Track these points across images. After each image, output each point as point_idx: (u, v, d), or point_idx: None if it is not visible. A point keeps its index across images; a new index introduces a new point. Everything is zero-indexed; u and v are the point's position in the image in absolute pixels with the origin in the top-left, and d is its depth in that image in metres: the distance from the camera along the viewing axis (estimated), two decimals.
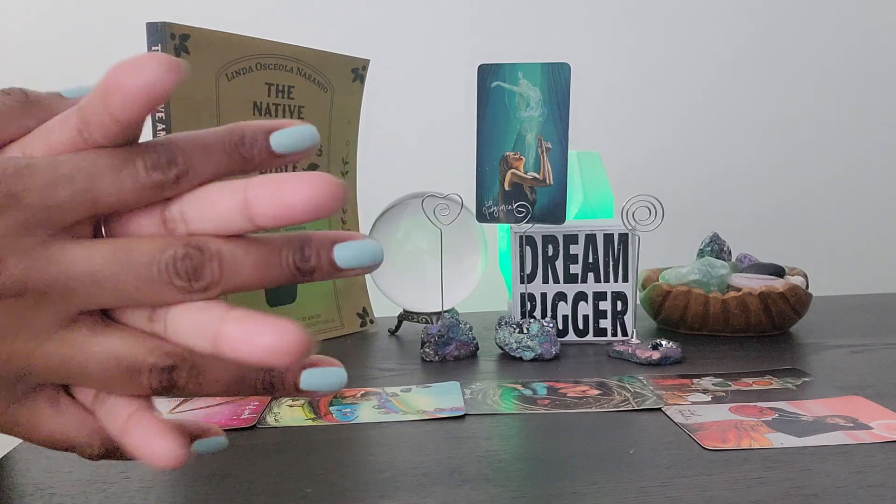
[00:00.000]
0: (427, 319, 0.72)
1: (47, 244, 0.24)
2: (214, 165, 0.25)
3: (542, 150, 0.63)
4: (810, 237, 1.09)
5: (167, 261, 0.24)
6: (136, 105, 0.23)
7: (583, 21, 1.05)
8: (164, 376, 0.25)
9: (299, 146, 0.26)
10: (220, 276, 0.25)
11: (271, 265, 0.25)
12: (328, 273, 0.26)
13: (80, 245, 0.25)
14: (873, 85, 1.09)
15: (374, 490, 0.37)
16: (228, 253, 0.25)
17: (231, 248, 0.25)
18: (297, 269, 0.25)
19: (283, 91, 0.68)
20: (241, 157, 0.25)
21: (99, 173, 0.24)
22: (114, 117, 0.24)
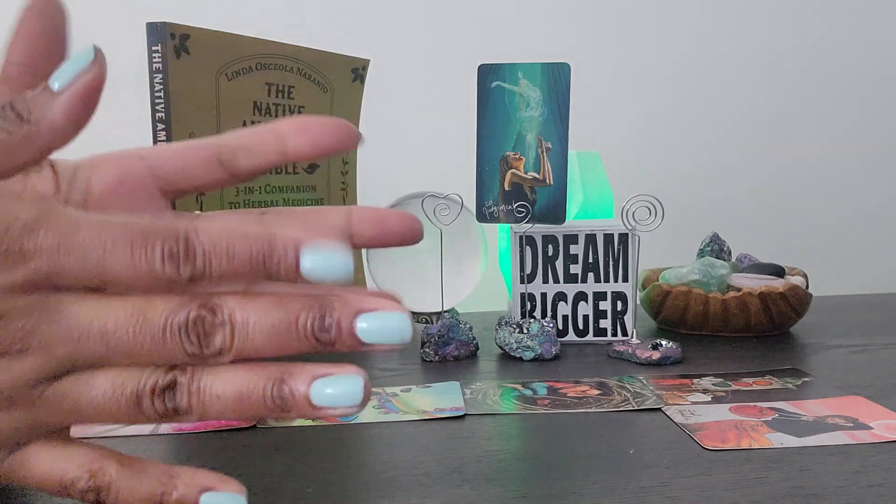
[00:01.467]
0: (427, 319, 0.72)
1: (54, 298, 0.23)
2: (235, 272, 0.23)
3: (542, 150, 0.63)
4: (810, 237, 1.09)
5: (180, 323, 0.23)
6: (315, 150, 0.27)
7: (583, 21, 1.05)
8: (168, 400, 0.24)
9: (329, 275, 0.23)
10: (231, 343, 0.24)
11: (288, 333, 0.24)
12: (350, 347, 0.24)
13: (91, 301, 0.24)
14: (874, 85, 1.09)
15: (374, 490, 0.37)
16: (241, 318, 0.24)
17: (245, 313, 0.24)
18: (316, 340, 0.24)
19: (283, 91, 0.68)
20: (265, 271, 0.23)
21: (115, 250, 0.23)
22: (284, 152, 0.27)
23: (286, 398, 0.24)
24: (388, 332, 0.24)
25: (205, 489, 0.26)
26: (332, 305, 0.24)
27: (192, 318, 0.23)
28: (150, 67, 0.59)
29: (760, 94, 1.08)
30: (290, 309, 0.24)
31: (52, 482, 0.26)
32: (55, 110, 0.24)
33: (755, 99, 1.08)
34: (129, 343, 0.23)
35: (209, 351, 0.24)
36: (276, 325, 0.24)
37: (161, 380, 0.24)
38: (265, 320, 0.24)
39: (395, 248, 0.74)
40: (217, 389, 0.24)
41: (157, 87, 0.59)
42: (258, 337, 0.24)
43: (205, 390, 0.24)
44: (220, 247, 0.23)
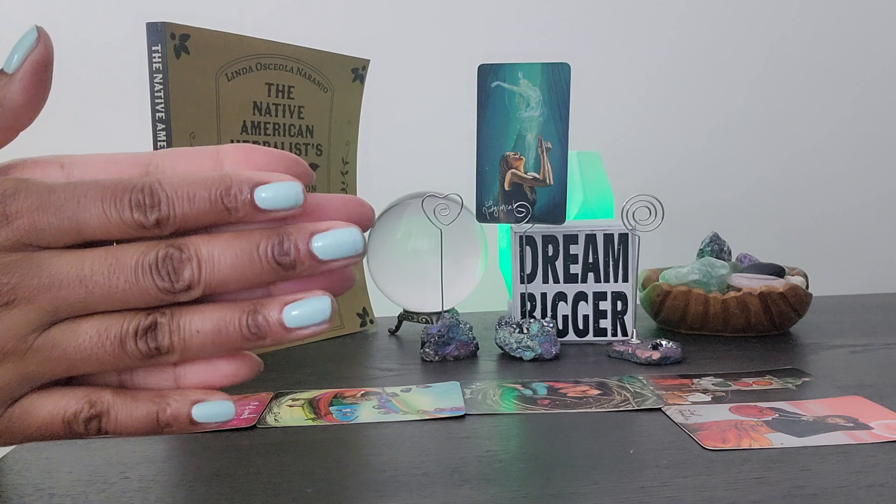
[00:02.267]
0: (427, 319, 0.72)
1: (35, 255, 0.25)
2: (197, 214, 0.26)
3: (542, 150, 0.63)
4: (810, 237, 1.09)
5: (150, 262, 0.25)
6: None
7: (583, 21, 1.05)
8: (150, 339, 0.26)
9: (283, 204, 0.26)
10: (199, 275, 0.26)
11: (251, 261, 0.26)
12: (310, 267, 0.26)
13: (69, 253, 0.26)
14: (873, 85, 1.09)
15: (374, 490, 0.37)
16: (206, 252, 0.26)
17: (209, 247, 0.26)
18: (278, 264, 0.26)
19: (283, 91, 0.68)
20: (224, 209, 0.26)
21: (87, 205, 0.25)
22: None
23: (261, 325, 0.26)
24: (341, 247, 0.26)
25: (195, 402, 0.28)
26: (288, 231, 0.26)
27: (161, 255, 0.25)
28: (150, 67, 0.59)
29: (760, 94, 1.08)
30: (250, 239, 0.26)
31: (55, 424, 0.27)
32: (13, 91, 0.27)
33: (755, 99, 1.08)
34: (106, 285, 0.25)
35: (180, 285, 0.26)
36: (239, 255, 0.26)
37: (143, 321, 0.26)
38: (228, 251, 0.26)
39: (394, 249, 0.75)
40: (196, 325, 0.26)
41: (157, 87, 0.59)
42: (223, 267, 0.26)
43: (184, 327, 0.26)
44: (181, 192, 0.26)
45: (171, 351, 0.26)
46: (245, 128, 0.65)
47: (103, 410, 0.27)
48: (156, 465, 0.40)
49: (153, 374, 0.28)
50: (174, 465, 0.41)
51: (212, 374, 0.28)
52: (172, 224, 0.26)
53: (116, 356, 0.26)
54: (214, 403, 0.28)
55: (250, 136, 0.66)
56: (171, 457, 0.42)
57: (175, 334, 0.26)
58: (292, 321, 0.26)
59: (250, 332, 0.26)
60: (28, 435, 0.27)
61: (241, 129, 0.65)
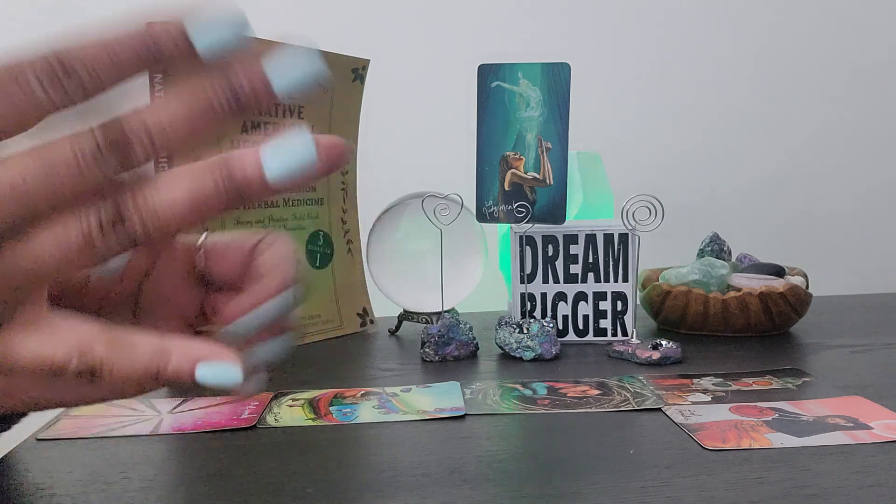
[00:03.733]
0: (427, 319, 0.72)
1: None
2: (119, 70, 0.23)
3: (542, 150, 0.63)
4: (810, 237, 1.09)
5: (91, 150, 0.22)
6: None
7: (583, 21, 1.05)
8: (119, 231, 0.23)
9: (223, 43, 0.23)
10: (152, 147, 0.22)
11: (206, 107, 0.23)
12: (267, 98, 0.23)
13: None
14: (873, 84, 1.09)
15: (374, 490, 0.37)
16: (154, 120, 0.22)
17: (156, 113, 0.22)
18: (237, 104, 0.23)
19: None
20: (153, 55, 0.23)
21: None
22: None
23: (238, 181, 0.23)
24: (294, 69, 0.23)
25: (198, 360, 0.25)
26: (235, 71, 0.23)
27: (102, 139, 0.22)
28: None
29: (760, 93, 1.08)
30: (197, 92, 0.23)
31: (42, 367, 0.25)
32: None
33: (755, 98, 1.08)
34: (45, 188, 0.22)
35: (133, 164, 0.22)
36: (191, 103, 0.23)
37: (104, 214, 0.23)
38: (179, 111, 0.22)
39: (394, 249, 0.75)
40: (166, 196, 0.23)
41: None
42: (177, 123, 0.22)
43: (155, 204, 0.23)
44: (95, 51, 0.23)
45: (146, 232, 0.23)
46: (245, 128, 0.65)
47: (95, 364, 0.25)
48: (156, 465, 0.40)
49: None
50: (174, 465, 0.41)
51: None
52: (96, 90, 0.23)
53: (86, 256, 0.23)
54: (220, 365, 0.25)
55: (250, 135, 0.66)
56: (172, 457, 0.42)
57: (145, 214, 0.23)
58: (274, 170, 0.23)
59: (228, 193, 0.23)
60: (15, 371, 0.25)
61: (241, 129, 0.65)
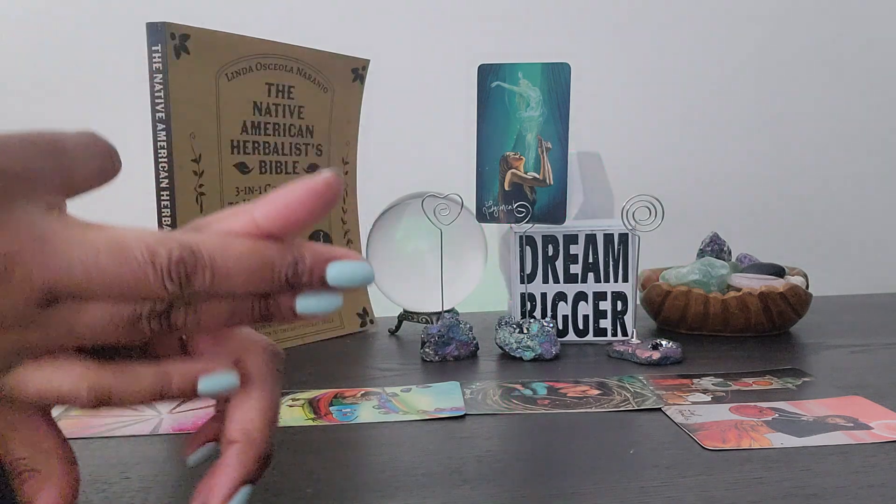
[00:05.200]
0: (427, 319, 0.72)
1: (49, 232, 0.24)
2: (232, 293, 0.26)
3: (542, 150, 0.63)
4: (810, 237, 1.09)
5: (163, 262, 0.24)
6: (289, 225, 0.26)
7: (583, 21, 1.05)
8: (164, 321, 0.26)
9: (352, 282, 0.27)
10: (211, 282, 0.25)
11: (263, 278, 0.26)
12: (316, 288, 0.27)
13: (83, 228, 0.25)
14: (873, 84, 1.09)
15: (374, 490, 0.37)
16: (221, 263, 0.25)
17: (224, 258, 0.25)
18: (288, 283, 0.26)
19: (283, 91, 0.68)
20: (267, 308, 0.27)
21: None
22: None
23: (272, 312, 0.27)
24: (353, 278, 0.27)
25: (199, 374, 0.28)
26: (303, 255, 0.26)
27: (176, 257, 0.25)
28: (150, 67, 0.59)
29: (760, 93, 1.08)
30: (266, 256, 0.26)
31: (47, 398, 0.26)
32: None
33: (755, 99, 1.08)
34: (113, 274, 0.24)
35: (189, 290, 0.25)
36: (253, 271, 0.26)
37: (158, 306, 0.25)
38: (242, 265, 0.26)
39: (394, 249, 0.75)
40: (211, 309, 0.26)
41: (157, 87, 0.59)
42: (234, 279, 0.26)
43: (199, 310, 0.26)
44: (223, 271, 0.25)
45: (184, 330, 0.26)
46: (245, 128, 0.65)
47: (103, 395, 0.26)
48: (156, 465, 0.40)
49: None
50: (174, 465, 0.41)
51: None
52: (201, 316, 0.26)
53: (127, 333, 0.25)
54: (218, 375, 0.28)
55: (250, 135, 0.66)
56: (172, 457, 0.42)
57: (190, 316, 0.26)
58: (303, 309, 0.27)
59: (261, 316, 0.27)
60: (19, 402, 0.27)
61: (241, 129, 0.65)
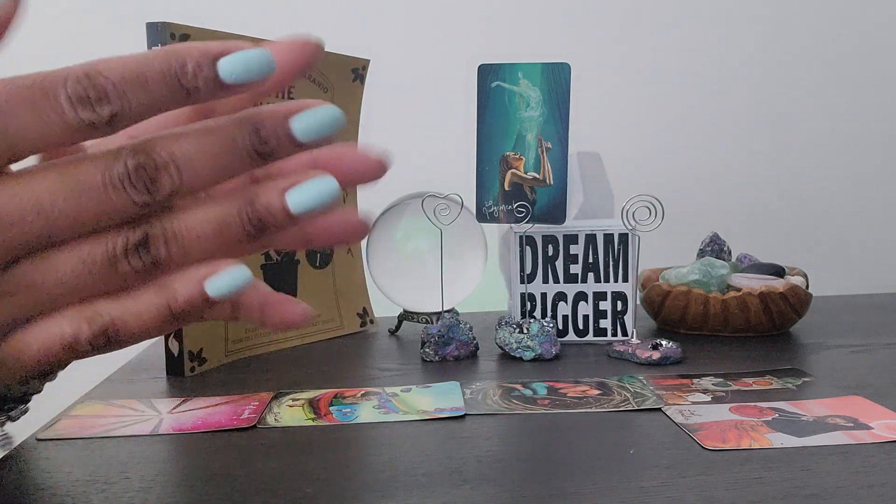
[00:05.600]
0: (427, 319, 0.72)
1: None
2: (152, 100, 0.22)
3: (542, 150, 0.63)
4: (810, 237, 1.09)
5: (121, 175, 0.22)
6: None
7: (583, 21, 1.05)
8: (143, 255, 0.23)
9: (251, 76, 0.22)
10: (178, 178, 0.23)
11: (230, 154, 0.23)
12: (290, 151, 0.24)
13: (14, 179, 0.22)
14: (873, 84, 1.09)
15: (374, 490, 0.37)
16: (180, 151, 0.23)
17: (183, 147, 0.23)
18: (257, 154, 0.23)
19: (282, 91, 0.68)
20: (183, 89, 0.22)
21: (13, 110, 0.21)
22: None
23: (263, 215, 0.24)
24: (321, 125, 0.24)
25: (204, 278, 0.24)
26: (262, 117, 0.23)
27: (132, 165, 0.22)
28: None
29: (760, 93, 1.08)
30: (223, 133, 0.23)
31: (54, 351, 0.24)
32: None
33: (755, 99, 1.08)
34: (71, 211, 0.22)
35: (160, 195, 0.22)
36: (216, 150, 0.23)
37: (131, 237, 0.23)
38: (204, 147, 0.23)
39: (394, 249, 0.75)
40: (194, 228, 0.23)
41: None
42: (202, 166, 0.23)
43: (181, 233, 0.23)
44: (129, 75, 0.21)
45: (170, 261, 0.23)
46: None
47: (107, 323, 0.24)
48: (156, 465, 0.40)
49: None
50: (174, 465, 0.41)
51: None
52: (128, 118, 0.22)
53: (106, 280, 0.23)
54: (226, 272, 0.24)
55: None
56: (172, 457, 0.42)
57: (172, 243, 0.23)
58: (296, 205, 0.24)
59: (252, 224, 0.24)
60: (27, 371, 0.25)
61: None
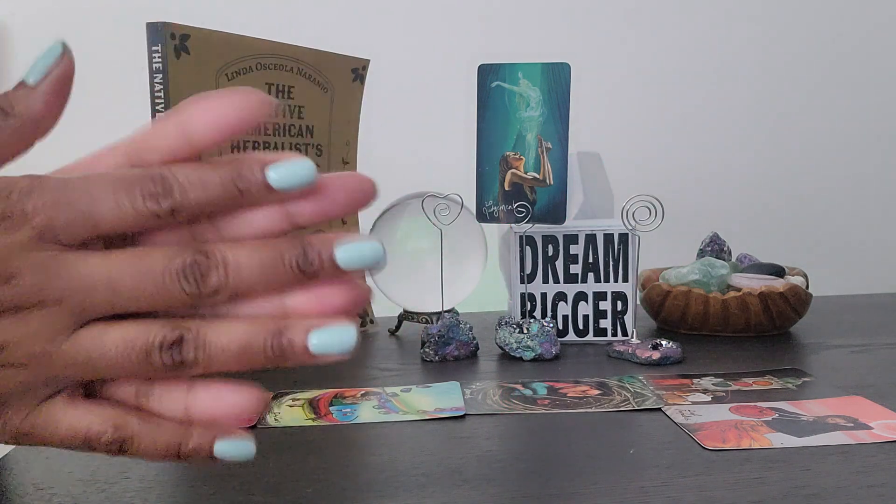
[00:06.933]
0: (427, 319, 0.72)
1: (62, 256, 0.26)
2: (210, 198, 0.26)
3: (542, 150, 0.63)
4: (810, 237, 1.09)
5: (177, 268, 0.26)
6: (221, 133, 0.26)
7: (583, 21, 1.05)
8: (175, 353, 0.26)
9: (295, 182, 0.26)
10: (225, 279, 0.26)
11: (275, 268, 0.26)
12: (332, 274, 0.27)
13: (95, 255, 0.26)
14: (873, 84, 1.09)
15: (374, 490, 0.37)
16: (233, 258, 0.26)
17: (235, 253, 0.26)
18: (301, 271, 0.26)
19: (283, 91, 0.68)
20: (237, 190, 0.26)
21: (100, 198, 0.25)
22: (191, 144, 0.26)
23: (285, 348, 0.27)
24: (364, 257, 0.27)
25: (217, 436, 0.28)
26: (311, 241, 0.27)
27: (189, 261, 0.26)
28: (150, 67, 0.59)
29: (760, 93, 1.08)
30: (274, 247, 0.27)
31: (76, 438, 0.28)
32: (35, 101, 0.27)
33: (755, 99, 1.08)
34: (133, 288, 0.26)
35: (206, 289, 0.26)
36: (264, 263, 0.26)
37: (168, 335, 0.26)
38: (254, 259, 0.26)
39: (394, 249, 0.75)
40: (222, 342, 0.26)
41: (157, 87, 0.59)
42: (248, 274, 0.26)
43: (210, 343, 0.26)
44: (193, 178, 0.26)
45: (195, 365, 0.27)
46: None
47: (127, 436, 0.28)
48: (156, 466, 0.40)
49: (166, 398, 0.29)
50: (174, 465, 0.41)
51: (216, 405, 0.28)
52: (186, 211, 0.26)
53: (140, 366, 0.26)
54: (236, 441, 0.29)
55: (250, 135, 0.66)
56: None
57: (200, 350, 0.26)
58: (317, 348, 0.27)
59: (273, 353, 0.27)
60: (48, 442, 0.28)
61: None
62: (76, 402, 0.28)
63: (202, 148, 0.27)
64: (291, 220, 0.27)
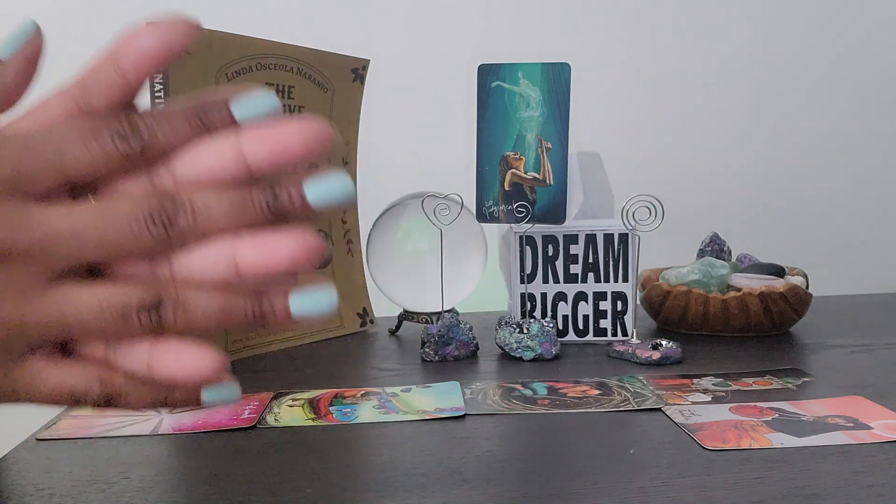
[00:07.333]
0: (427, 319, 0.72)
1: (25, 208, 0.25)
2: (177, 134, 0.26)
3: (542, 150, 0.63)
4: (810, 237, 1.09)
5: (143, 213, 0.25)
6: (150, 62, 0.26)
7: (583, 21, 1.05)
8: (153, 313, 0.26)
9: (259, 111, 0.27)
10: (193, 221, 0.26)
11: (244, 207, 0.26)
12: (302, 212, 0.26)
13: (60, 207, 0.26)
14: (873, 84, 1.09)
15: (374, 490, 0.37)
16: (200, 200, 0.26)
17: (203, 196, 0.26)
18: (270, 210, 0.26)
19: (283, 91, 0.68)
20: (202, 125, 0.26)
21: (68, 143, 0.25)
22: (125, 76, 0.26)
23: (266, 311, 0.27)
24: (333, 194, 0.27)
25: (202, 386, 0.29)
26: (280, 181, 0.26)
27: (156, 205, 0.26)
28: None
29: (760, 93, 1.08)
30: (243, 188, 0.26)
31: (62, 395, 0.28)
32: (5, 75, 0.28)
33: (755, 99, 1.08)
34: (100, 238, 0.25)
35: (174, 232, 0.26)
36: (233, 204, 0.26)
37: (146, 296, 0.26)
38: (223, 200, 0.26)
39: (394, 249, 0.75)
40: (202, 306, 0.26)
41: (156, 87, 0.59)
42: (217, 214, 0.26)
43: (190, 307, 0.26)
44: (160, 117, 0.26)
45: (175, 327, 0.26)
46: None
47: (114, 393, 0.28)
48: (156, 466, 0.40)
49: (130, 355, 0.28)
50: (174, 465, 0.41)
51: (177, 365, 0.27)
52: (157, 148, 0.26)
53: (114, 326, 0.26)
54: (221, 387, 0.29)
55: None
56: (172, 457, 0.42)
57: (180, 311, 0.26)
58: (298, 310, 0.27)
59: (254, 316, 0.27)
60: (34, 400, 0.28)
61: None
62: (56, 360, 0.28)
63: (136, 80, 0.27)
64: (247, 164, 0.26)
